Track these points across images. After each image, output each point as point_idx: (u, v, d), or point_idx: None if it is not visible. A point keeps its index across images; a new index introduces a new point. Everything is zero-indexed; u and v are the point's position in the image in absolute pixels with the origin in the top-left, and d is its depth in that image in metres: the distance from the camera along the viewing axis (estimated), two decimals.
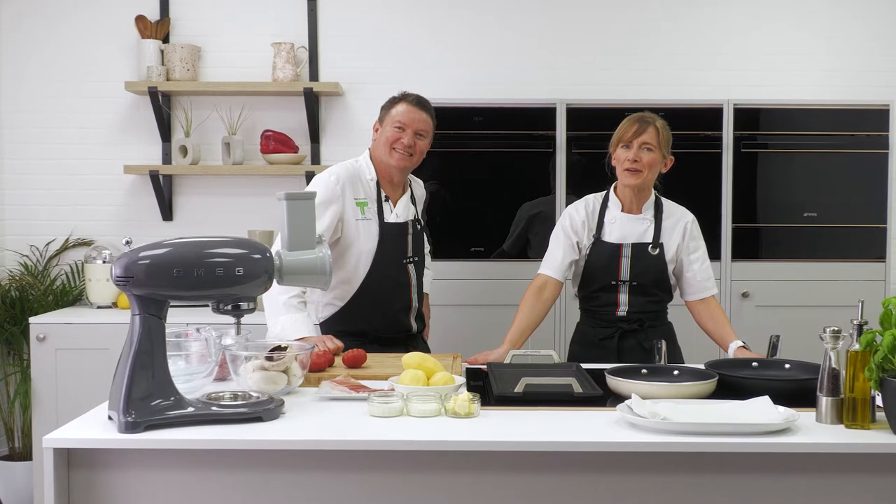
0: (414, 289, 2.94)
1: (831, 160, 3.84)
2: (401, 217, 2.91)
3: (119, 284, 1.85)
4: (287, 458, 1.84)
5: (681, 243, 2.81)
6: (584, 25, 4.20)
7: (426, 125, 2.89)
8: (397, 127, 2.84)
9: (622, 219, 2.82)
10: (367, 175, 2.89)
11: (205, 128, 4.19)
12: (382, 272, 2.86)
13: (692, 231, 2.83)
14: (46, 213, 4.21)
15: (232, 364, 2.14)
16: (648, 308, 2.82)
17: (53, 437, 1.81)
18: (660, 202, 2.85)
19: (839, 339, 1.92)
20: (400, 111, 2.86)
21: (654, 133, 2.74)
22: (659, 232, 2.80)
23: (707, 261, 2.84)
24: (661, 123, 2.78)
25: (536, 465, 1.85)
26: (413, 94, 2.93)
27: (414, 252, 2.95)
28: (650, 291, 2.81)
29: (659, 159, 2.77)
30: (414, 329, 2.98)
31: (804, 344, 2.94)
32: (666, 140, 2.78)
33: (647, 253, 2.79)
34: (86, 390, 3.51)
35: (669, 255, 2.80)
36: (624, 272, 2.79)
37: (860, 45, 4.20)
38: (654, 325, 2.82)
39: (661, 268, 2.79)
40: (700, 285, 2.81)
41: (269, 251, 1.95)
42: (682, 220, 2.83)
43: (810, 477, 1.84)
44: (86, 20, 4.18)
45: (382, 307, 2.87)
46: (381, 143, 2.87)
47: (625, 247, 2.79)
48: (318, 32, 4.19)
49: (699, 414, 1.92)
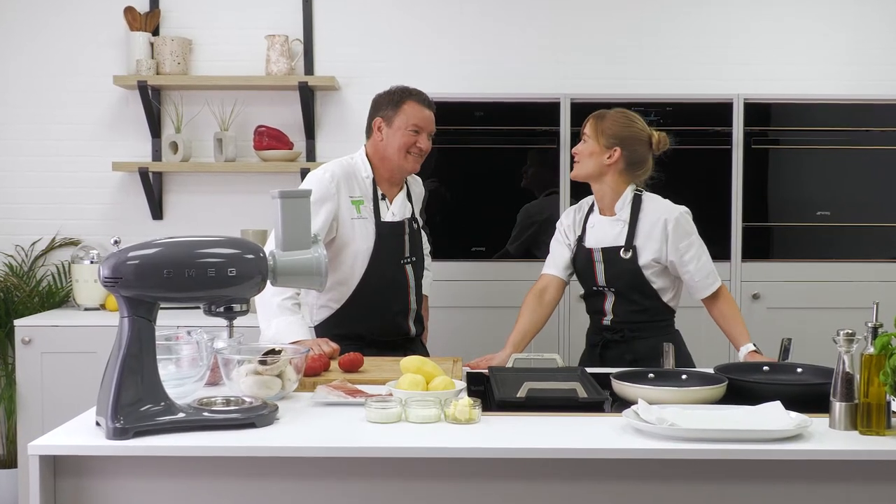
0: (412, 290, 2.94)
1: (845, 157, 3.85)
2: (397, 216, 2.91)
3: (107, 286, 1.85)
4: (281, 465, 1.84)
5: (663, 246, 2.72)
6: (589, 17, 4.20)
7: (434, 126, 2.91)
8: (413, 130, 2.83)
9: (599, 222, 2.82)
10: (363, 173, 2.89)
11: (196, 123, 4.19)
12: (379, 273, 2.85)
13: (676, 229, 2.72)
14: (32, 212, 4.21)
15: (224, 368, 2.14)
16: (633, 318, 2.77)
17: (39, 443, 1.81)
18: (638, 201, 2.77)
19: (853, 343, 1.92)
20: (415, 113, 2.84)
21: (592, 124, 2.78)
22: (633, 235, 2.74)
23: (704, 256, 2.75)
24: (612, 116, 2.78)
25: (539, 472, 1.85)
26: (415, 89, 2.90)
27: (412, 252, 2.94)
28: (631, 298, 2.76)
29: (593, 149, 2.75)
30: (412, 332, 2.97)
31: (817, 347, 2.94)
32: (606, 129, 2.75)
33: (619, 257, 2.74)
34: (73, 395, 3.50)
35: (645, 259, 2.72)
36: (600, 277, 2.78)
37: (876, 37, 4.20)
38: (642, 336, 2.75)
39: (635, 272, 2.73)
40: (700, 284, 2.75)
41: (263, 251, 1.95)
42: (660, 220, 2.72)
43: (823, 485, 1.84)
44: (73, 12, 4.18)
45: (380, 310, 2.87)
46: (394, 146, 2.84)
47: (595, 251, 2.79)
48: (314, 24, 4.19)
49: (708, 420, 1.92)
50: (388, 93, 2.91)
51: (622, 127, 2.76)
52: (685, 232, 2.74)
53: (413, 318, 2.96)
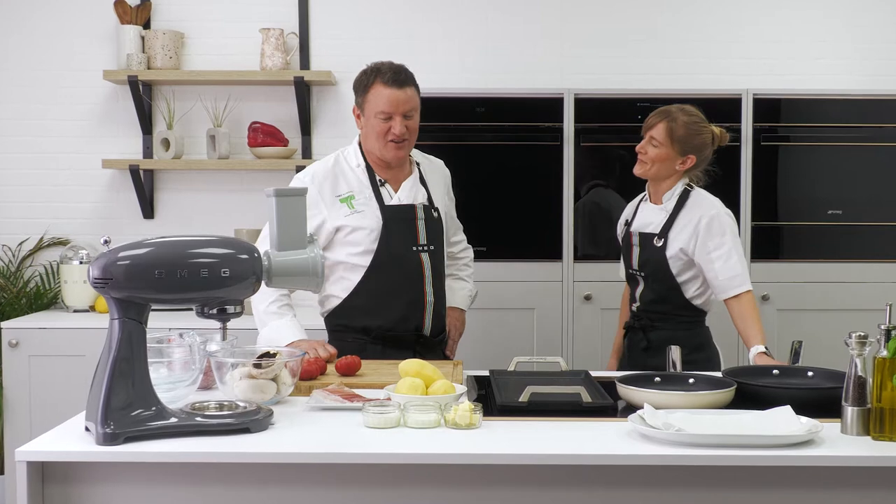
0: (428, 281, 2.78)
1: (858, 154, 3.84)
2: (405, 200, 2.80)
3: (97, 287, 1.85)
4: (276, 471, 1.84)
5: (692, 242, 2.81)
6: (593, 10, 4.20)
7: (412, 102, 2.73)
8: (382, 118, 2.71)
9: (647, 208, 2.96)
10: (354, 163, 2.80)
11: (188, 119, 4.19)
12: (387, 259, 2.73)
13: (708, 228, 2.80)
14: (19, 211, 4.21)
15: (217, 372, 2.14)
16: (655, 308, 2.89)
17: (27, 449, 1.81)
18: (686, 195, 2.88)
19: (866, 345, 1.92)
20: (381, 97, 2.69)
21: (664, 129, 2.84)
22: (669, 225, 2.85)
23: (732, 258, 2.80)
24: (682, 120, 2.85)
25: (542, 479, 1.85)
26: (386, 66, 2.74)
27: (429, 240, 2.80)
28: (655, 287, 2.87)
29: (667, 155, 2.84)
30: (428, 330, 2.80)
31: (828, 350, 2.94)
32: (682, 137, 2.83)
33: (652, 244, 2.87)
34: (61, 399, 3.51)
35: (672, 251, 2.83)
36: (635, 261, 2.93)
37: (889, 30, 4.20)
38: (659, 327, 2.87)
39: (661, 261, 2.84)
40: (722, 285, 2.80)
41: (258, 251, 1.96)
42: (697, 216, 2.83)
43: (835, 492, 1.84)
44: (61, 4, 4.18)
45: (388, 298, 2.74)
46: (370, 136, 2.75)
47: (635, 235, 2.94)
48: (310, 18, 4.19)
49: (716, 425, 1.92)
50: (360, 74, 2.79)
51: (695, 134, 2.86)
52: (717, 233, 2.81)
53: (430, 313, 2.79)
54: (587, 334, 3.81)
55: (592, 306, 3.80)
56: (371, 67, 2.78)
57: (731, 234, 2.83)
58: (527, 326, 3.81)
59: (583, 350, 3.80)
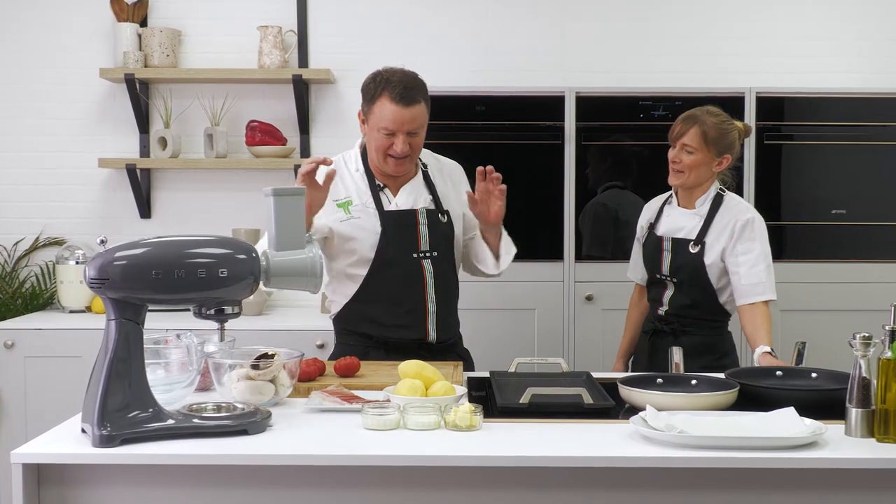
0: (430, 288, 2.75)
1: (862, 153, 3.84)
2: (403, 205, 2.76)
3: (93, 287, 1.85)
4: (274, 473, 1.84)
5: (727, 245, 2.82)
6: (594, 7, 4.20)
7: (419, 120, 2.66)
8: (385, 133, 2.65)
9: (675, 213, 2.94)
10: (353, 167, 2.78)
11: (186, 118, 4.19)
12: (386, 267, 2.72)
13: (742, 231, 2.82)
14: (14, 210, 4.21)
15: (215, 373, 2.14)
16: (686, 313, 2.88)
17: (22, 451, 1.81)
18: (719, 199, 2.88)
19: (870, 346, 1.92)
20: (385, 113, 2.62)
21: (697, 134, 2.83)
22: (706, 230, 2.85)
23: (760, 265, 2.80)
24: (712, 122, 2.85)
25: (543, 481, 1.85)
26: (396, 78, 2.64)
27: (432, 246, 2.76)
28: (689, 293, 2.87)
29: (703, 160, 2.84)
30: (434, 338, 2.76)
31: (832, 351, 2.93)
32: (715, 138, 2.83)
33: (686, 250, 2.85)
34: (57, 401, 3.51)
35: (711, 257, 2.83)
36: (665, 266, 2.90)
37: (893, 28, 4.20)
38: (691, 332, 2.86)
39: (699, 267, 2.84)
40: (743, 290, 2.79)
41: (255, 251, 1.95)
42: (733, 220, 2.84)
43: (839, 494, 1.85)
44: (57, 2, 4.18)
45: (388, 306, 2.73)
46: (372, 146, 2.71)
47: (665, 240, 2.91)
48: (308, 15, 4.19)
49: (719, 427, 1.92)
50: (369, 79, 2.71)
51: (726, 133, 2.87)
52: (749, 237, 2.83)
53: (434, 321, 2.75)
54: (589, 335, 3.81)
55: (594, 307, 3.80)
56: (381, 76, 2.67)
57: (762, 240, 2.84)
58: (528, 327, 3.81)
59: (584, 351, 3.80)
